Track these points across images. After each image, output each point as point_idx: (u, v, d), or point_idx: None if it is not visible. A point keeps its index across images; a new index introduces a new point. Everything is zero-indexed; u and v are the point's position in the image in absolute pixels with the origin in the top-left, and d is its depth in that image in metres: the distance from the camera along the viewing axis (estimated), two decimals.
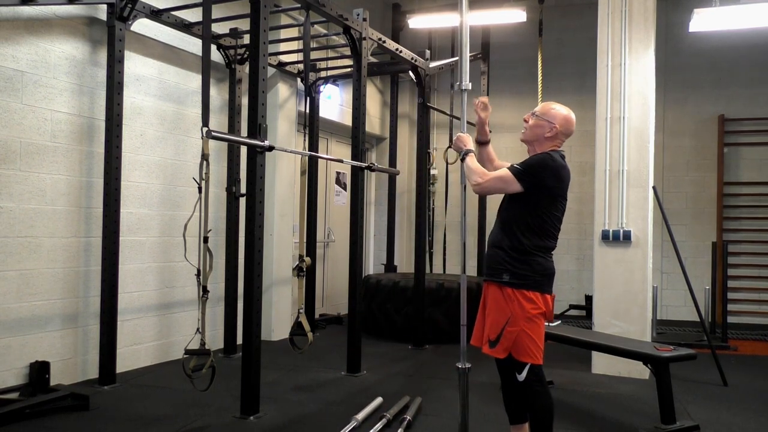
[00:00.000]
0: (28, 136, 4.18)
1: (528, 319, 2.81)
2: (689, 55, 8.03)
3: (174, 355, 5.25)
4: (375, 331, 6.60)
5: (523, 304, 2.81)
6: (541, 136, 2.97)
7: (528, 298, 2.82)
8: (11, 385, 4.07)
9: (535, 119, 2.99)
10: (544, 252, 2.91)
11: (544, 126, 2.96)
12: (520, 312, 2.80)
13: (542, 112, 2.99)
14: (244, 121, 4.83)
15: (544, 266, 2.88)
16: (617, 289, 5.11)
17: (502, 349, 2.83)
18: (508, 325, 2.80)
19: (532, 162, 2.89)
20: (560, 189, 2.94)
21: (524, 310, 2.81)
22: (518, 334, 2.80)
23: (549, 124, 2.95)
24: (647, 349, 3.94)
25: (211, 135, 3.60)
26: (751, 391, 4.75)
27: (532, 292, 2.83)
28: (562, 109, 3.00)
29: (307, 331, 4.43)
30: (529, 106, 8.25)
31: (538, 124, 2.97)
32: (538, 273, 2.85)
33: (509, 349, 2.82)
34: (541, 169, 2.87)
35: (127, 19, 4.54)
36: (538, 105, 3.10)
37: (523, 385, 2.85)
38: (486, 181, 2.94)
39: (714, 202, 7.94)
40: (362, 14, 5.01)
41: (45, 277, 4.31)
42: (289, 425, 3.75)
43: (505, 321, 2.82)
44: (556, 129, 2.95)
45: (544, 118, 2.96)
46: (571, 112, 3.03)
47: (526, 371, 2.82)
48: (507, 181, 2.88)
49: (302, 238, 4.76)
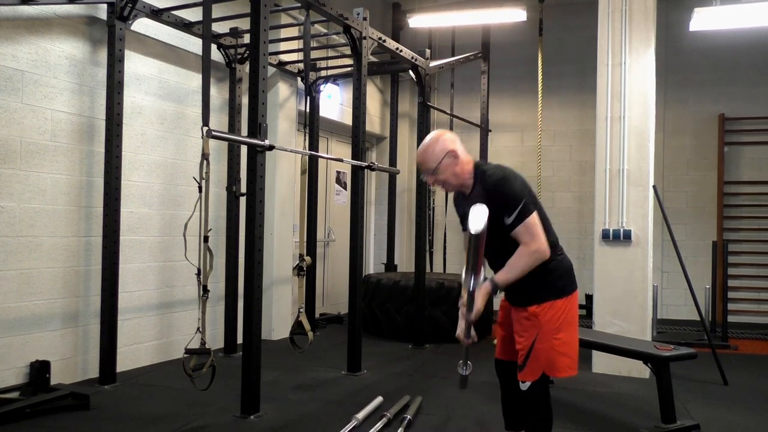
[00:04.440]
0: (29, 135, 4.18)
1: (556, 329, 2.66)
2: (689, 54, 8.03)
3: (174, 354, 5.25)
4: (375, 331, 6.61)
5: (552, 318, 2.67)
6: (456, 170, 2.72)
7: (555, 308, 2.68)
8: (11, 384, 4.07)
9: (438, 170, 2.71)
10: (556, 252, 2.77)
11: (447, 164, 2.71)
12: (549, 327, 2.67)
13: (433, 161, 2.70)
14: (245, 121, 4.83)
15: (561, 267, 2.76)
16: (617, 289, 5.11)
17: (530, 371, 2.66)
18: (537, 342, 2.65)
19: (510, 191, 2.63)
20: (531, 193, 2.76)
21: (552, 323, 2.66)
22: (549, 351, 2.65)
23: (446, 159, 2.70)
24: (647, 348, 3.94)
25: (212, 134, 3.60)
26: (752, 390, 4.75)
27: (557, 301, 2.69)
28: (432, 144, 2.73)
29: (308, 330, 4.43)
30: (529, 105, 8.29)
31: (444, 167, 2.70)
32: (558, 278, 2.73)
33: (542, 368, 2.66)
34: (520, 186, 2.67)
35: (128, 18, 4.54)
36: (420, 162, 2.80)
37: (527, 395, 2.72)
38: (537, 245, 2.60)
39: (714, 201, 7.94)
40: (362, 13, 5.00)
41: (45, 276, 4.31)
42: (289, 424, 3.75)
43: (532, 340, 2.66)
44: (452, 153, 2.70)
45: (439, 162, 2.70)
46: (431, 136, 2.78)
47: (532, 383, 2.68)
48: (533, 221, 2.61)
49: (302, 238, 4.77)
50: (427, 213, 6.68)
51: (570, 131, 8.50)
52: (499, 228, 2.62)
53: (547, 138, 8.32)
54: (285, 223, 6.45)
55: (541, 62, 7.63)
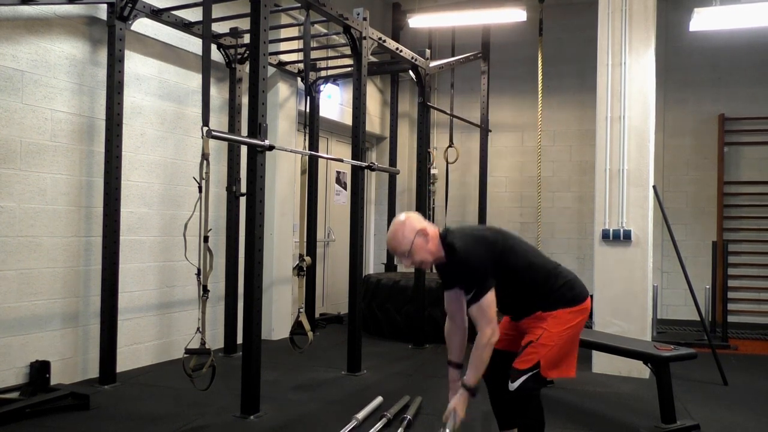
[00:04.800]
0: (29, 135, 4.18)
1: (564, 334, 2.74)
2: (689, 54, 8.03)
3: (174, 354, 5.25)
4: (375, 331, 6.61)
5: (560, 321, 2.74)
6: (429, 247, 2.77)
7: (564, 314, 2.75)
8: (12, 384, 4.07)
9: (412, 252, 2.75)
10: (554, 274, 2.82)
11: (420, 244, 2.75)
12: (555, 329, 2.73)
13: (406, 244, 2.74)
14: (245, 121, 4.83)
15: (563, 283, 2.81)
16: (617, 289, 5.11)
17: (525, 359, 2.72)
18: (542, 338, 2.73)
19: (469, 271, 2.71)
20: (498, 248, 2.77)
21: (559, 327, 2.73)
22: (552, 348, 2.72)
23: (417, 240, 2.74)
24: (647, 348, 3.94)
25: (212, 134, 3.60)
26: (752, 391, 4.75)
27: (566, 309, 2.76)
28: (401, 227, 2.77)
29: (308, 330, 4.43)
30: (529, 105, 8.29)
31: (417, 248, 2.74)
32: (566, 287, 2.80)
33: (538, 359, 2.71)
34: (479, 262, 2.70)
35: (128, 18, 4.54)
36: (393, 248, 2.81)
37: (515, 395, 2.73)
38: (490, 329, 2.68)
39: (714, 201, 7.93)
40: (362, 13, 5.00)
41: (45, 276, 4.31)
42: (289, 424, 3.75)
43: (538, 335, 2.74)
44: (421, 232, 2.75)
45: (411, 243, 2.74)
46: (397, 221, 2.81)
47: (522, 382, 2.70)
48: (488, 302, 2.67)
49: (302, 238, 4.77)
50: (427, 213, 6.68)
51: (570, 131, 8.50)
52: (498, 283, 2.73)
53: (547, 138, 8.32)
54: (285, 223, 6.45)
55: (541, 62, 7.63)
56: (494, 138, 8.50)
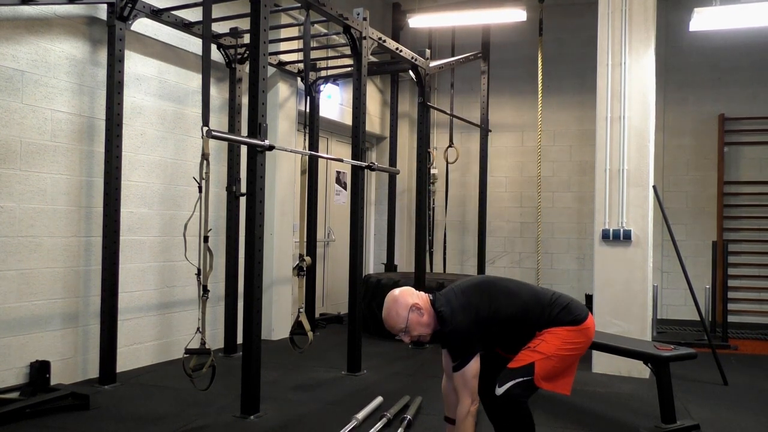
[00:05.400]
0: (29, 135, 4.18)
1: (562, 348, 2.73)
2: (689, 54, 8.03)
3: (174, 354, 5.25)
4: (375, 331, 6.60)
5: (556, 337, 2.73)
6: (424, 320, 2.79)
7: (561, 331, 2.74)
8: (12, 384, 4.07)
9: (409, 328, 2.79)
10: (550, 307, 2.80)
11: (415, 319, 2.77)
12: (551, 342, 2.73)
13: (402, 322, 2.79)
14: (245, 121, 4.83)
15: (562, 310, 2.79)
16: (617, 289, 5.11)
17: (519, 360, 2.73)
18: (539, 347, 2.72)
19: (455, 345, 2.76)
20: (483, 312, 2.75)
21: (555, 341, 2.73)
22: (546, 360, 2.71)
23: (411, 315, 2.77)
24: (647, 348, 3.94)
25: (212, 134, 3.60)
26: (752, 391, 4.75)
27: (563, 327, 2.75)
28: (394, 306, 2.81)
29: (308, 330, 4.43)
30: (529, 105, 8.29)
31: (413, 323, 2.77)
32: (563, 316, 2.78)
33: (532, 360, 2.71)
34: (463, 334, 2.72)
35: (127, 18, 4.54)
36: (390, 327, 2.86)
37: (502, 401, 2.70)
38: (469, 400, 2.68)
39: (714, 201, 7.93)
40: (362, 13, 5.00)
41: (45, 276, 4.31)
42: (289, 424, 3.75)
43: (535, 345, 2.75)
44: (414, 307, 2.78)
45: (407, 320, 2.78)
46: (389, 300, 2.86)
47: (509, 387, 2.67)
48: (471, 373, 2.68)
49: (302, 238, 4.77)
50: (427, 213, 6.69)
51: (570, 131, 8.50)
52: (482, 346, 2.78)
53: (547, 138, 8.32)
54: (285, 223, 6.45)
55: (541, 62, 7.63)
56: (494, 138, 8.50)
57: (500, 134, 8.67)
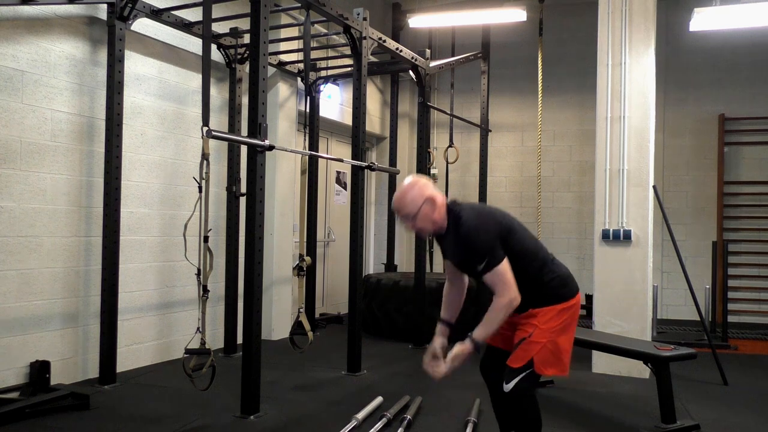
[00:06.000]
0: (29, 135, 4.18)
1: (555, 330, 2.70)
2: (689, 54, 8.03)
3: (174, 354, 5.25)
4: (375, 331, 6.60)
5: (551, 317, 2.71)
6: (434, 216, 2.71)
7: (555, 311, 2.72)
8: (12, 384, 4.07)
9: (417, 217, 2.69)
10: (549, 267, 2.78)
11: (426, 211, 2.69)
12: (546, 325, 2.70)
13: (413, 208, 2.69)
14: (245, 121, 4.83)
15: (557, 277, 2.77)
16: (617, 289, 5.11)
17: (518, 357, 2.68)
18: (533, 336, 2.68)
19: (480, 242, 2.63)
20: (503, 226, 2.71)
21: (550, 323, 2.70)
22: (544, 346, 2.68)
23: (425, 206, 2.68)
24: (647, 348, 3.94)
25: (212, 134, 3.60)
26: (751, 391, 4.75)
27: (557, 306, 2.73)
28: (410, 190, 2.70)
29: (308, 330, 4.43)
30: (529, 105, 8.28)
31: (423, 215, 2.69)
32: (557, 287, 2.76)
33: (530, 357, 2.67)
34: (487, 233, 2.64)
35: (128, 18, 4.54)
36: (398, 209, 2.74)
37: (511, 396, 2.70)
38: (509, 295, 2.59)
39: (714, 201, 7.93)
40: (362, 14, 5.00)
41: (45, 276, 4.31)
42: (289, 425, 3.75)
43: (528, 334, 2.69)
44: (430, 200, 2.69)
45: (419, 209, 2.68)
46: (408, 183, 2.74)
47: (516, 382, 2.66)
48: (504, 268, 2.61)
49: (302, 238, 4.77)
50: None
51: (570, 131, 8.50)
52: (476, 269, 2.66)
53: (547, 138, 8.32)
54: (285, 223, 6.45)
55: (541, 62, 7.63)
56: (494, 138, 8.50)
57: (500, 134, 8.67)
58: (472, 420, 3.72)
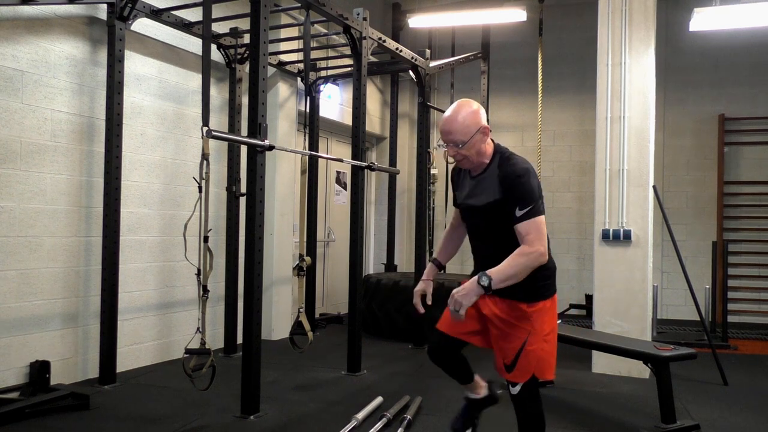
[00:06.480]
0: (29, 135, 4.18)
1: (546, 331, 2.63)
2: (689, 54, 8.03)
3: (174, 354, 5.25)
4: (375, 331, 6.60)
5: (543, 318, 2.62)
6: (482, 148, 2.58)
7: (545, 309, 2.63)
8: (11, 384, 4.07)
9: (466, 145, 2.54)
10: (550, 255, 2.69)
11: (477, 140, 2.55)
12: (540, 328, 2.60)
13: (465, 134, 2.52)
14: (245, 121, 4.83)
15: (551, 269, 2.69)
16: (617, 289, 5.11)
17: (520, 372, 2.59)
18: (528, 344, 2.58)
19: (529, 186, 2.49)
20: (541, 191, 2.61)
21: (543, 325, 2.62)
22: (539, 352, 2.59)
23: (477, 135, 2.54)
24: (647, 348, 3.94)
25: (212, 134, 3.60)
26: (752, 391, 4.75)
27: (546, 301, 2.64)
28: (466, 115, 2.54)
29: (308, 330, 4.43)
30: (529, 105, 8.28)
31: (473, 143, 2.54)
32: (549, 278, 2.66)
33: (533, 369, 2.59)
34: (537, 185, 2.53)
35: (127, 18, 4.54)
36: (448, 132, 2.56)
37: (518, 398, 2.64)
38: (541, 248, 2.43)
39: (714, 201, 7.94)
40: (362, 14, 5.00)
41: (45, 276, 4.31)
42: (289, 425, 3.75)
43: (522, 341, 2.59)
44: (483, 129, 2.55)
45: (471, 136, 2.53)
46: (464, 106, 2.57)
47: (522, 386, 2.61)
48: (542, 221, 2.47)
49: (302, 238, 4.77)
50: (427, 213, 6.69)
51: (570, 131, 8.50)
52: (504, 218, 2.49)
53: (547, 138, 8.32)
54: (285, 223, 6.45)
55: (541, 62, 7.63)
56: (494, 138, 8.42)
57: (500, 134, 8.66)
58: None
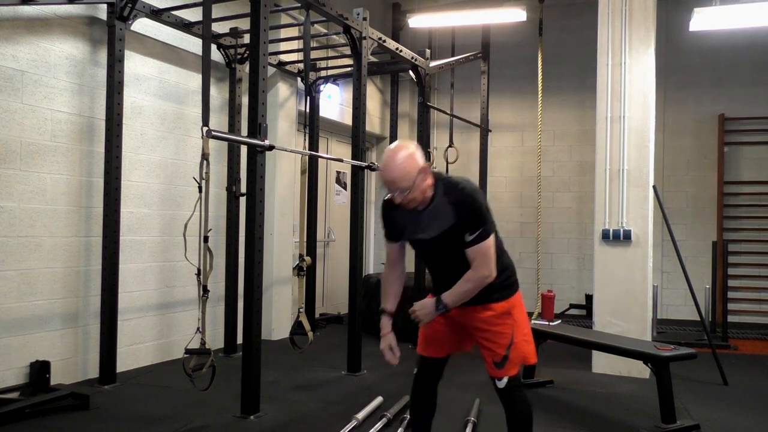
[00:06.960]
0: (29, 135, 4.18)
1: (525, 320, 2.74)
2: (689, 54, 8.03)
3: (174, 354, 5.25)
4: (375, 331, 6.55)
5: (520, 309, 2.73)
6: (424, 187, 2.57)
7: (518, 301, 2.74)
8: (12, 384, 4.07)
9: (411, 190, 2.53)
10: (507, 255, 2.81)
11: (420, 182, 2.54)
12: (520, 319, 2.71)
13: (408, 181, 2.51)
14: (245, 121, 4.83)
15: (510, 268, 2.78)
16: (617, 289, 5.11)
17: (511, 365, 2.65)
18: (515, 338, 2.65)
19: (481, 208, 2.56)
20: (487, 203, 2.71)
21: (521, 315, 2.72)
22: (522, 342, 2.68)
23: (419, 178, 2.53)
24: (647, 348, 3.94)
25: (212, 134, 3.61)
26: (751, 391, 4.75)
27: (517, 294, 2.75)
28: (406, 162, 2.51)
29: (308, 330, 4.43)
30: (529, 105, 8.28)
31: (417, 186, 2.53)
32: (513, 274, 2.77)
33: (520, 360, 2.68)
34: (487, 206, 2.61)
35: (127, 18, 4.54)
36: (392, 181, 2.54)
37: (505, 391, 2.68)
38: (485, 272, 2.55)
39: (714, 201, 7.93)
40: (362, 14, 5.00)
41: (45, 276, 4.31)
42: (289, 424, 3.75)
43: (510, 337, 2.65)
44: (423, 170, 2.54)
45: (414, 182, 2.52)
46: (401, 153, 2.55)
47: (508, 380, 2.65)
48: (491, 244, 2.56)
49: (302, 238, 4.77)
50: None
51: (570, 131, 8.50)
52: (457, 243, 2.57)
53: (547, 138, 8.31)
54: (285, 223, 6.45)
55: (541, 62, 7.62)
56: (494, 138, 8.50)
57: (500, 134, 8.67)
58: (471, 420, 3.72)
